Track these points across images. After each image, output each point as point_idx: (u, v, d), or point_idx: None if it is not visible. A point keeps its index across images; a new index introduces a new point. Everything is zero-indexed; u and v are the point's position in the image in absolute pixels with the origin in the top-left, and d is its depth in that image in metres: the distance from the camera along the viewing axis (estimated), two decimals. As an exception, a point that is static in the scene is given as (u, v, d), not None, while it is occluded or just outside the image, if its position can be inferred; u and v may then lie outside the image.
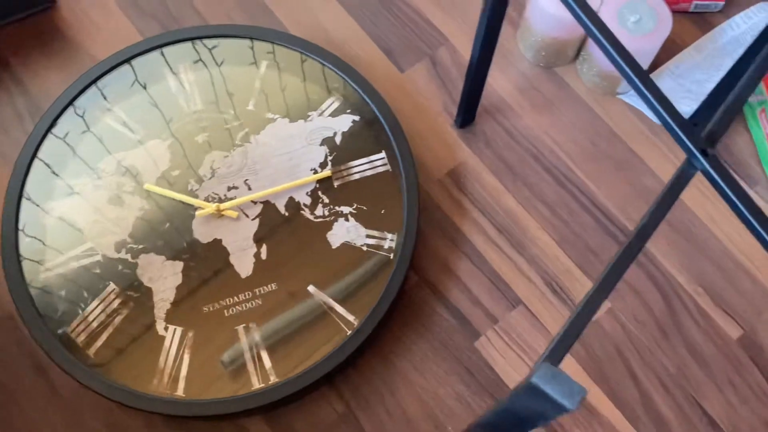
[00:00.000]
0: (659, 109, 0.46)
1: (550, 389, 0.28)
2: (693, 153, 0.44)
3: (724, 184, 0.43)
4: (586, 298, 0.40)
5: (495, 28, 0.61)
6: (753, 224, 0.43)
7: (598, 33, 0.48)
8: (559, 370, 0.28)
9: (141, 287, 0.67)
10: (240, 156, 0.71)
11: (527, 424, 0.35)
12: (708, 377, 0.68)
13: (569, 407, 0.28)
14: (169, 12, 0.82)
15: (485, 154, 0.76)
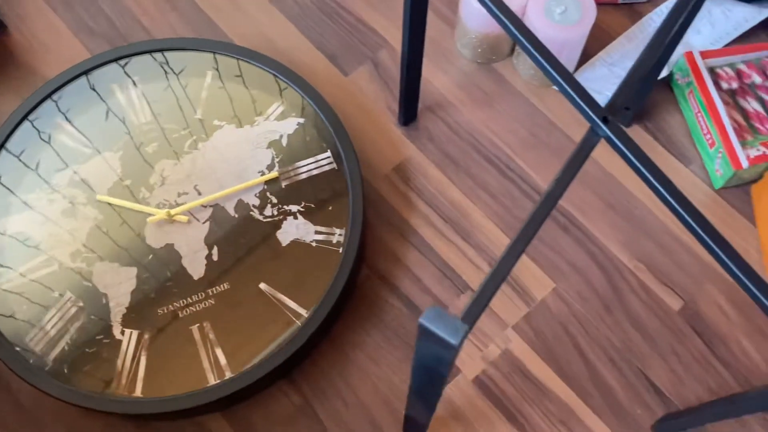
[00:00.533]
0: (565, 85, 0.49)
1: (434, 327, 0.30)
2: (595, 121, 0.47)
3: (624, 147, 0.46)
4: (501, 258, 0.43)
5: (419, 23, 0.64)
6: (654, 184, 0.46)
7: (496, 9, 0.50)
8: (442, 310, 0.31)
9: (97, 294, 0.68)
10: (189, 163, 0.74)
11: (435, 375, 0.37)
12: (652, 348, 0.71)
13: (453, 342, 0.30)
14: (117, 31, 0.84)
15: (429, 149, 0.79)
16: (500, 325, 0.71)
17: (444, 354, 0.32)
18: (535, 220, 0.44)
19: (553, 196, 0.45)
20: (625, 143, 0.46)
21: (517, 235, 0.44)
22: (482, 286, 0.42)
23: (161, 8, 0.86)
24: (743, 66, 0.79)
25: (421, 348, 0.34)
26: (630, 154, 0.46)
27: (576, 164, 0.46)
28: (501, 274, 0.42)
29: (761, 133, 0.77)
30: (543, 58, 0.49)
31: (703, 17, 0.83)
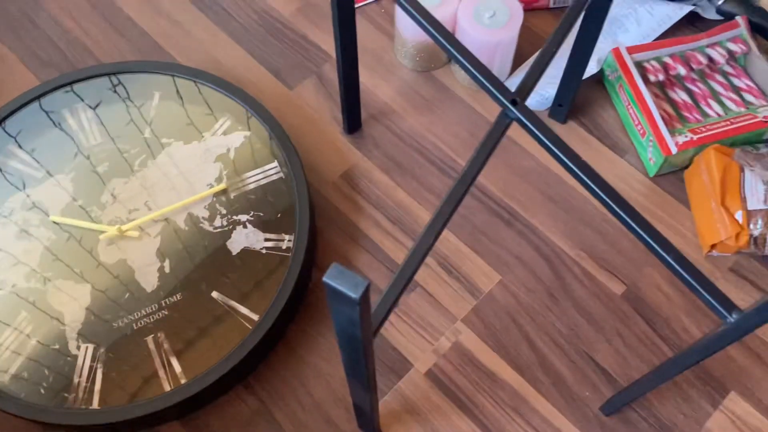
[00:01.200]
0: (477, 74, 0.51)
1: (337, 284, 0.32)
2: (505, 104, 0.50)
3: (532, 126, 0.49)
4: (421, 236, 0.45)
5: (349, 35, 0.67)
6: (562, 159, 0.48)
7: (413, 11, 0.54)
8: (345, 268, 0.33)
9: (52, 312, 0.70)
10: (139, 180, 0.76)
11: (352, 339, 0.39)
12: (598, 332, 0.73)
13: (354, 297, 0.32)
14: (66, 59, 0.87)
15: (375, 155, 0.82)
16: (450, 319, 0.73)
17: (351, 312, 0.34)
18: (453, 198, 0.46)
19: (469, 174, 0.47)
20: (533, 122, 0.49)
21: (436, 212, 0.46)
22: (403, 263, 0.45)
23: (110, 36, 0.88)
24: (669, 59, 0.82)
25: (333, 310, 0.36)
26: (539, 132, 0.49)
27: (489, 145, 0.48)
28: (422, 250, 0.45)
29: (690, 121, 0.80)
30: (456, 51, 0.52)
31: (629, 16, 0.87)
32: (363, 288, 0.32)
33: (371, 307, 0.40)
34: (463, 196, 0.47)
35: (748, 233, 0.73)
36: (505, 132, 0.50)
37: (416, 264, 0.45)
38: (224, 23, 0.89)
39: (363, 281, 0.32)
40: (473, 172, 0.47)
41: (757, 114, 0.79)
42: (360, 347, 0.39)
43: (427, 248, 0.46)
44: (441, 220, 0.46)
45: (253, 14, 0.90)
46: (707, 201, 0.75)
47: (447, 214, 0.46)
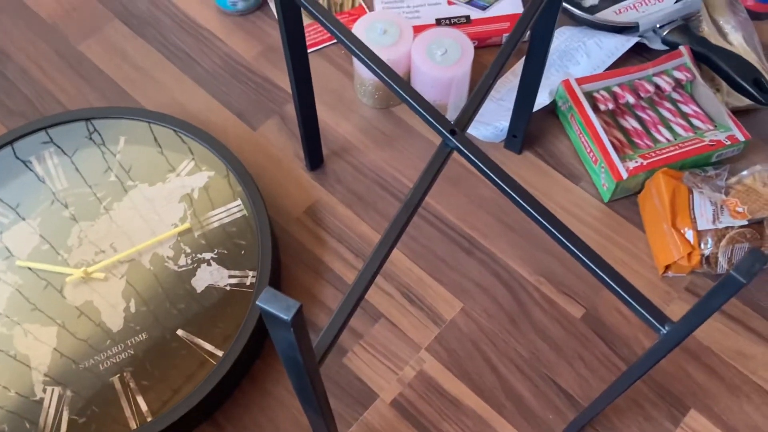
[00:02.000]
0: (417, 107, 0.54)
1: (270, 307, 0.34)
2: (444, 134, 0.52)
3: (470, 154, 0.51)
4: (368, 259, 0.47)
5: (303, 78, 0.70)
6: (501, 186, 0.50)
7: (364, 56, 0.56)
8: (277, 292, 0.34)
9: (18, 356, 0.70)
10: (105, 222, 0.77)
11: (294, 363, 0.40)
12: (559, 356, 0.74)
13: (286, 318, 0.34)
14: (34, 108, 0.89)
15: (337, 190, 0.84)
16: (414, 348, 0.75)
17: (287, 334, 0.36)
18: (398, 222, 0.48)
19: (413, 199, 0.49)
20: (471, 151, 0.51)
21: (383, 235, 0.48)
22: (351, 286, 0.46)
23: (77, 85, 0.91)
24: (618, 88, 0.86)
25: (272, 335, 0.37)
26: (476, 159, 0.51)
27: (431, 171, 0.50)
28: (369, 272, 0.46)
29: (640, 147, 0.83)
30: (396, 85, 0.54)
31: (579, 49, 0.90)
32: (295, 309, 0.34)
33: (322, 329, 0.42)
34: (408, 220, 0.49)
35: (700, 253, 0.75)
36: (447, 160, 0.52)
37: (363, 287, 0.46)
38: (188, 68, 0.92)
39: (294, 303, 0.34)
40: (417, 197, 0.49)
41: (704, 138, 0.82)
42: (303, 371, 0.41)
43: (375, 271, 0.47)
44: (387, 244, 0.47)
45: (216, 59, 0.93)
46: (660, 223, 0.78)
47: (393, 238, 0.48)
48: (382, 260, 0.48)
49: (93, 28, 0.95)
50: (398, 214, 0.49)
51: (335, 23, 0.58)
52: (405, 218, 0.49)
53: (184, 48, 0.93)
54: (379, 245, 0.48)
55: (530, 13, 0.59)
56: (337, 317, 0.46)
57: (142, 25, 0.95)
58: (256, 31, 0.95)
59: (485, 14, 0.93)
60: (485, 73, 0.56)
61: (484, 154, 0.51)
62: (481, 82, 0.55)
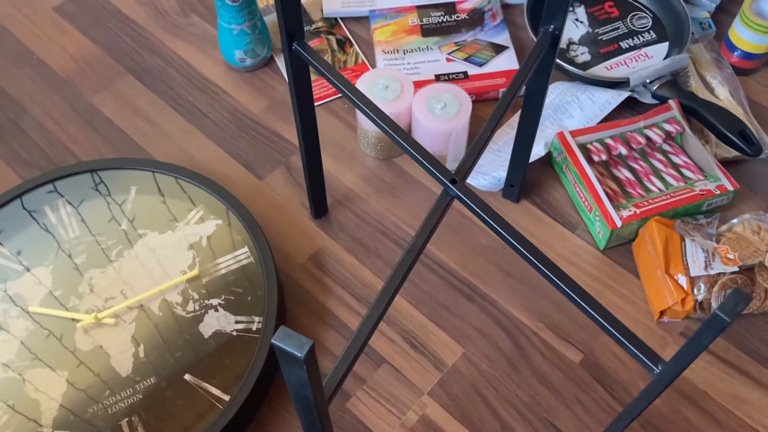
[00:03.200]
0: (419, 157, 0.57)
1: (284, 345, 0.36)
2: (445, 183, 0.55)
3: (471, 203, 0.54)
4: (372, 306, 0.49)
5: (310, 130, 0.73)
6: (501, 233, 0.53)
7: (368, 110, 0.59)
8: (291, 331, 0.36)
9: (29, 400, 0.72)
10: (115, 269, 0.79)
11: (305, 401, 0.42)
12: (558, 400, 0.76)
13: (299, 356, 0.36)
14: (48, 159, 0.92)
15: (341, 237, 0.86)
16: (416, 393, 0.76)
17: (299, 372, 0.38)
18: (401, 268, 0.51)
19: (416, 246, 0.52)
20: (471, 199, 0.54)
21: (386, 281, 0.50)
22: (357, 330, 0.48)
23: (89, 136, 0.94)
24: (610, 140, 0.89)
25: (285, 374, 0.39)
26: (476, 208, 0.53)
27: (432, 219, 0.53)
28: (375, 316, 0.49)
29: (633, 196, 0.86)
30: (399, 136, 0.57)
31: (572, 103, 0.94)
32: (308, 347, 0.36)
33: (326, 374, 0.44)
34: (411, 266, 0.51)
35: (693, 298, 0.77)
36: (447, 208, 0.54)
37: (369, 330, 0.48)
38: (198, 121, 0.95)
39: (308, 341, 0.36)
40: (419, 244, 0.52)
41: (695, 188, 0.85)
42: (313, 410, 0.42)
43: (379, 316, 0.49)
44: (390, 289, 0.50)
45: (225, 112, 0.96)
46: (654, 270, 0.80)
47: (396, 284, 0.50)
48: (386, 305, 0.50)
49: (106, 83, 0.99)
50: (401, 260, 0.51)
51: (341, 80, 0.61)
52: (408, 264, 0.51)
53: (194, 102, 0.97)
54: (383, 291, 0.50)
55: (525, 69, 0.63)
56: (343, 360, 0.48)
57: (153, 80, 0.99)
58: (263, 87, 0.99)
59: (482, 70, 0.98)
60: (483, 126, 0.59)
61: (484, 202, 0.54)
62: (480, 134, 0.58)
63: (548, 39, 0.64)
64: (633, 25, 1.03)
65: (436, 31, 1.02)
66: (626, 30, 1.02)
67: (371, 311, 0.49)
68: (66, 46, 1.03)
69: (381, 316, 0.49)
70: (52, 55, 1.02)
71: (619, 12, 1.04)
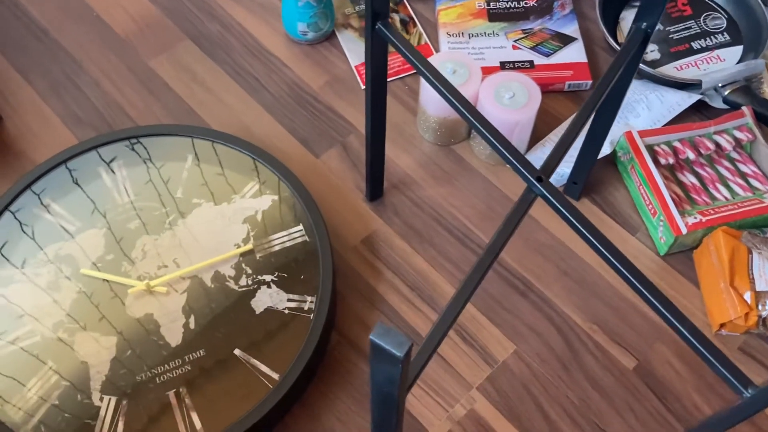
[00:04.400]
0: (504, 152, 0.55)
1: (383, 342, 0.35)
2: (531, 181, 0.53)
3: (556, 202, 0.52)
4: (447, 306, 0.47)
5: (379, 111, 0.72)
6: (583, 232, 0.51)
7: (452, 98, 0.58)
8: (390, 327, 0.35)
9: (77, 363, 0.71)
10: (169, 238, 0.78)
11: (388, 398, 0.41)
12: (610, 406, 0.74)
13: (398, 354, 0.35)
14: (104, 119, 0.91)
15: (395, 222, 0.85)
16: (465, 386, 0.75)
17: (392, 370, 0.36)
18: (478, 270, 0.49)
19: (495, 247, 0.50)
20: (557, 199, 0.52)
21: (463, 282, 0.49)
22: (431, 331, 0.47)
23: (146, 100, 0.93)
24: (678, 143, 0.87)
25: (374, 368, 0.38)
26: (563, 208, 0.52)
27: (515, 218, 0.51)
28: (447, 320, 0.47)
29: (698, 203, 0.84)
30: (486, 131, 0.55)
31: (641, 102, 0.92)
32: (407, 347, 0.35)
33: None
34: (488, 268, 0.50)
35: (757, 314, 0.75)
36: (530, 207, 0.53)
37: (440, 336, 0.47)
38: (256, 93, 0.94)
39: (407, 340, 0.35)
40: (499, 244, 0.50)
41: (764, 199, 0.82)
42: (394, 406, 0.41)
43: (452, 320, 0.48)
44: (466, 293, 0.48)
45: (283, 86, 0.95)
46: (716, 281, 0.78)
47: (472, 287, 0.48)
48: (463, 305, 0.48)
49: (164, 46, 0.98)
50: (479, 260, 0.50)
51: (425, 64, 0.59)
52: (486, 265, 0.50)
53: (253, 72, 0.95)
54: (461, 290, 0.48)
55: (616, 67, 0.61)
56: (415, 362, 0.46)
57: (213, 46, 0.98)
58: (323, 62, 0.97)
59: (549, 61, 0.95)
60: (572, 120, 0.57)
61: (569, 202, 0.52)
62: (567, 131, 0.56)
63: (640, 37, 0.62)
64: (706, 25, 0.99)
65: (504, 17, 0.99)
66: (699, 30, 0.99)
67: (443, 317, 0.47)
68: (126, 6, 1.01)
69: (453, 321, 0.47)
70: (112, 14, 1.01)
71: (693, 10, 1.01)
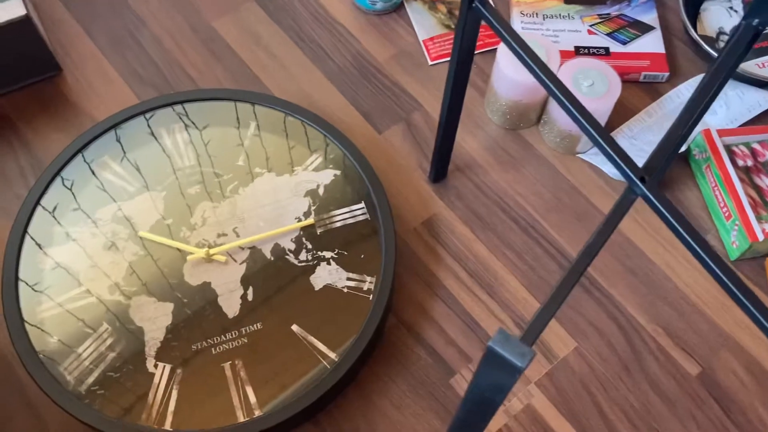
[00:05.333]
0: (607, 148, 0.52)
1: (504, 351, 0.33)
2: (633, 180, 0.50)
3: (660, 205, 0.49)
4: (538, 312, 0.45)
5: (459, 93, 0.69)
6: (688, 241, 0.49)
7: (552, 86, 0.55)
8: (510, 334, 0.33)
9: (133, 327, 0.70)
10: (229, 206, 0.77)
11: (489, 404, 0.39)
12: (671, 412, 0.72)
13: (520, 365, 0.33)
14: (165, 79, 0.89)
15: (457, 206, 0.82)
16: (523, 380, 0.73)
17: (506, 379, 0.34)
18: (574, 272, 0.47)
19: (595, 246, 0.48)
20: (661, 202, 0.49)
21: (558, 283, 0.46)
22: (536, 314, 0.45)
23: (208, 62, 0.90)
24: (757, 145, 0.83)
25: (483, 373, 0.36)
26: (666, 212, 0.49)
27: (614, 220, 0.49)
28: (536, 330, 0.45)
29: (775, 209, 0.81)
30: (587, 123, 0.53)
31: (719, 99, 0.88)
32: (529, 358, 0.33)
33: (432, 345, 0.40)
34: (584, 270, 0.47)
35: (831, 329, 0.73)
36: (629, 208, 0.50)
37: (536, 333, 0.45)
38: (320, 61, 0.91)
39: (529, 351, 0.33)
40: (596, 248, 0.48)
41: (844, 210, 0.79)
42: (490, 412, 0.39)
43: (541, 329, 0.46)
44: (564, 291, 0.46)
45: (348, 56, 0.92)
46: (789, 291, 0.75)
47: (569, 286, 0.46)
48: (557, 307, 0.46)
49: (228, 7, 0.95)
50: (575, 263, 0.47)
51: (523, 46, 0.56)
52: (583, 266, 0.47)
53: (318, 40, 0.93)
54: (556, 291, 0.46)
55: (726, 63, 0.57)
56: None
57: (278, 11, 0.95)
58: (390, 34, 0.94)
59: (625, 49, 0.91)
60: (679, 115, 0.54)
61: (675, 207, 0.49)
62: (673, 127, 0.53)
63: (749, 35, 0.58)
64: (791, 22, 0.95)
65: (580, 0, 0.95)
66: (783, 26, 0.94)
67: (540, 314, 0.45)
68: (190, -37, 0.99)
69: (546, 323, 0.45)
70: (175, -31, 0.98)
71: (778, 6, 0.96)
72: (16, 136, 0.84)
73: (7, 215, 0.80)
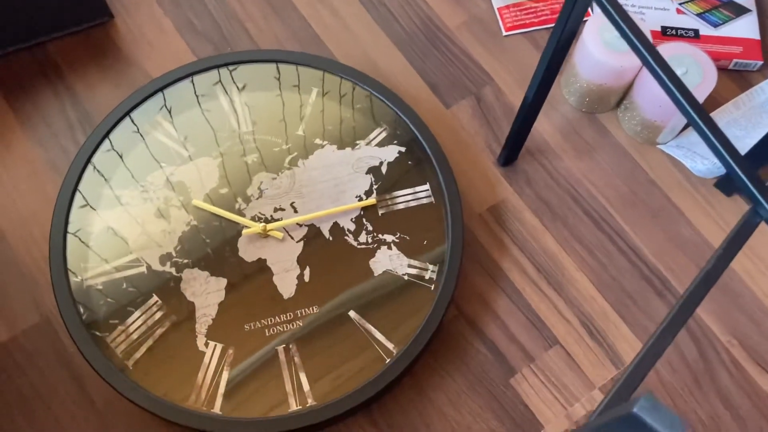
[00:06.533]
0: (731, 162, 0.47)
1: (651, 420, 0.29)
2: (759, 201, 0.45)
3: (790, 233, 0.44)
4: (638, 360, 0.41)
5: (551, 75, 0.63)
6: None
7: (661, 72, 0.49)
8: (658, 401, 0.29)
9: (183, 301, 0.67)
10: (288, 178, 0.72)
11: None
12: (740, 429, 0.68)
13: (669, 437, 0.29)
14: (222, 35, 0.83)
15: (526, 193, 0.77)
16: (587, 385, 0.69)
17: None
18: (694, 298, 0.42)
19: (714, 274, 0.43)
20: (793, 229, 0.44)
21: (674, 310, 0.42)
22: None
23: (267, 17, 0.85)
24: None
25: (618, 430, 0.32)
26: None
27: (732, 251, 0.44)
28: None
29: None
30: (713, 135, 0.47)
31: (815, 94, 0.81)
32: (680, 430, 0.28)
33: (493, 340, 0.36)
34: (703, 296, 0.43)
35: None
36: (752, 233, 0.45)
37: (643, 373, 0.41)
38: (386, 24, 0.85)
39: (679, 423, 0.29)
40: (718, 271, 0.43)
41: None
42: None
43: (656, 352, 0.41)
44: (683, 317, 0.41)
45: (416, 19, 0.86)
46: None
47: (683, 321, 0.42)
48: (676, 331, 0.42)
49: (290, -41, 0.89)
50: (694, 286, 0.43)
51: (637, 33, 0.51)
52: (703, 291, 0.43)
53: (385, 1, 0.86)
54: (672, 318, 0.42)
55: None
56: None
57: (344, -34, 0.88)
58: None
59: (716, 32, 0.85)
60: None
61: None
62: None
63: None
64: None
65: (670, -25, 0.88)
66: None
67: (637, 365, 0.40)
68: None
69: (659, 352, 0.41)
70: None
71: None
72: (64, 86, 0.79)
73: (55, 169, 0.76)
